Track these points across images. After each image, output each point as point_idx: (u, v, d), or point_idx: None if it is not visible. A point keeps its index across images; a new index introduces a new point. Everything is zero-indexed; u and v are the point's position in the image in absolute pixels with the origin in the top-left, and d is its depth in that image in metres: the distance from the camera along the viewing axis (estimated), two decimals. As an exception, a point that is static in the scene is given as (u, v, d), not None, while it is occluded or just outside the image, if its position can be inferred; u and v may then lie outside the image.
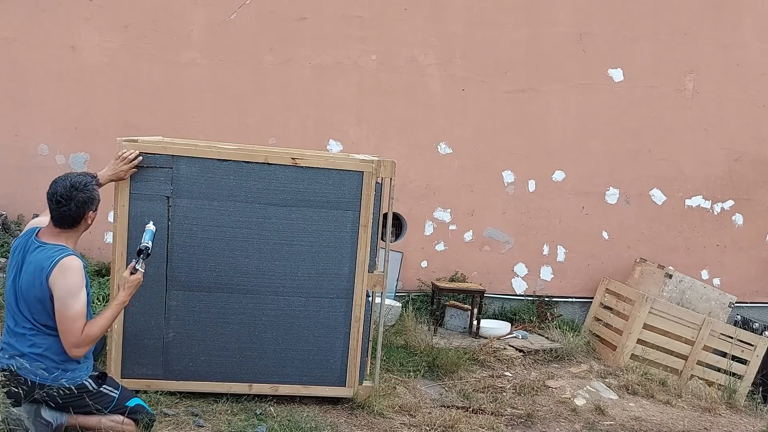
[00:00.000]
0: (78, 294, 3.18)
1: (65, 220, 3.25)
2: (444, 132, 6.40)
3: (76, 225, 3.30)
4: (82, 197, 3.25)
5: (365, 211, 4.09)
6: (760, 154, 6.94)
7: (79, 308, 3.17)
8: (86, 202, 3.27)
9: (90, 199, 3.29)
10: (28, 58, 5.81)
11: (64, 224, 3.27)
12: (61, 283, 3.15)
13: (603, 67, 6.58)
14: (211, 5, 5.95)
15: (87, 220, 3.32)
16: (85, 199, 3.26)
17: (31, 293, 3.19)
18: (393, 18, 6.21)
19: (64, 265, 3.16)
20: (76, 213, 3.25)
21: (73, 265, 3.19)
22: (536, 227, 6.62)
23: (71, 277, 3.16)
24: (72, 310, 3.16)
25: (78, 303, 3.17)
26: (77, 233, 3.34)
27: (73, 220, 3.27)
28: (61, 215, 3.24)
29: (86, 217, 3.31)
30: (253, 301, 4.07)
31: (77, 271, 3.20)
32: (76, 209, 3.24)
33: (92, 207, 3.32)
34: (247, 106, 6.10)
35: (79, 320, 3.18)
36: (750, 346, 6.25)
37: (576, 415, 4.77)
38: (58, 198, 3.22)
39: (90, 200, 3.29)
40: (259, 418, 3.94)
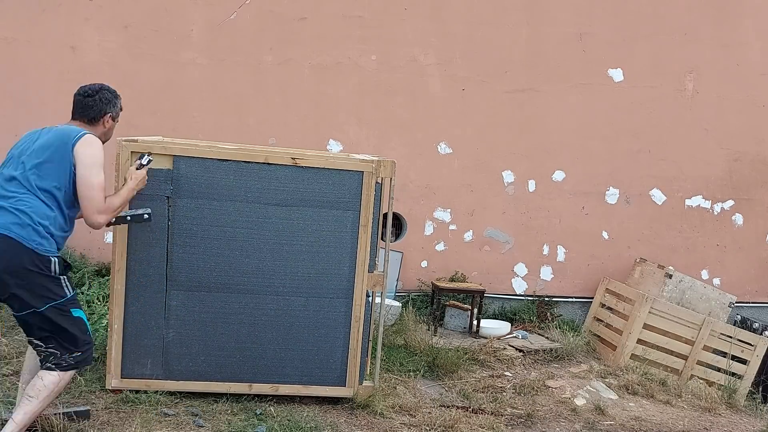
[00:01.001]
0: (101, 167, 3.30)
1: (87, 110, 3.44)
2: (444, 132, 6.40)
3: (95, 121, 3.45)
4: (107, 96, 3.47)
5: (365, 211, 4.10)
6: (760, 154, 6.94)
7: (102, 180, 3.30)
8: (109, 101, 3.47)
9: (113, 101, 3.50)
10: (28, 58, 5.81)
11: (84, 115, 3.44)
12: (87, 152, 3.28)
13: (603, 67, 6.58)
14: (211, 5, 5.95)
15: (104, 123, 3.48)
16: (109, 98, 3.48)
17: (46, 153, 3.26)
18: (393, 18, 6.21)
19: (90, 139, 3.32)
20: (98, 107, 3.44)
21: (97, 143, 3.35)
22: (536, 227, 6.62)
23: (97, 151, 3.32)
24: (98, 179, 3.28)
25: (102, 175, 3.31)
26: (95, 132, 3.42)
27: (94, 113, 3.44)
28: (85, 105, 3.44)
29: (105, 118, 3.47)
30: (253, 301, 4.07)
31: (101, 149, 3.35)
32: (99, 103, 3.44)
33: (113, 111, 3.49)
34: (247, 106, 6.10)
35: (103, 191, 3.31)
36: (750, 346, 6.25)
37: (576, 415, 4.78)
38: (86, 89, 3.46)
39: (113, 102, 3.49)
40: (259, 418, 3.94)
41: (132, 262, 3.93)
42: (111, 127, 3.53)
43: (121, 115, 3.39)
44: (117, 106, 3.53)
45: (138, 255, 3.93)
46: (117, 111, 3.53)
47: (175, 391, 4.06)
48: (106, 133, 3.51)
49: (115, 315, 3.95)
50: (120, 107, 3.56)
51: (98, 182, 3.28)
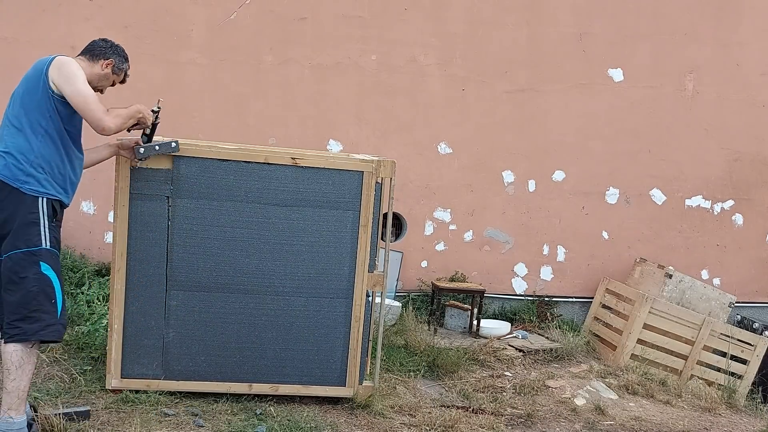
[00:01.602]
0: (84, 82, 3.24)
1: (93, 47, 3.48)
2: (444, 132, 6.40)
3: (94, 58, 3.45)
4: (118, 50, 3.54)
5: (365, 211, 4.10)
6: (760, 154, 6.94)
7: (92, 92, 3.25)
8: (118, 53, 3.52)
9: (121, 56, 3.53)
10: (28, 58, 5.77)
11: (88, 50, 3.47)
12: (63, 71, 3.23)
13: (603, 67, 6.58)
14: (211, 5, 5.95)
15: (102, 66, 3.46)
16: (119, 52, 3.53)
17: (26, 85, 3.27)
18: (393, 18, 6.21)
19: (60, 60, 3.28)
20: (103, 48, 3.48)
21: (70, 62, 3.29)
22: (536, 227, 6.62)
23: (73, 68, 3.26)
24: (85, 90, 3.22)
25: (88, 88, 3.25)
26: (89, 69, 3.42)
27: (98, 51, 3.47)
28: (94, 44, 3.50)
29: (104, 62, 3.46)
30: (253, 301, 4.07)
31: (77, 66, 3.29)
32: (106, 47, 3.49)
33: (117, 62, 3.50)
34: (247, 106, 6.09)
35: (97, 101, 3.24)
36: (750, 346, 6.25)
37: (576, 415, 4.78)
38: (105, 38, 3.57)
39: (120, 57, 3.53)
40: (259, 418, 3.94)
41: (132, 262, 3.93)
42: (107, 75, 3.50)
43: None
44: (123, 64, 3.55)
45: (138, 255, 3.93)
46: (121, 67, 3.53)
47: (175, 391, 4.06)
48: (100, 79, 3.48)
49: (115, 315, 3.95)
50: (125, 70, 3.58)
51: (88, 92, 3.22)
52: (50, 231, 3.22)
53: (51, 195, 3.25)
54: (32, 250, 3.17)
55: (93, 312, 4.84)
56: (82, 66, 3.38)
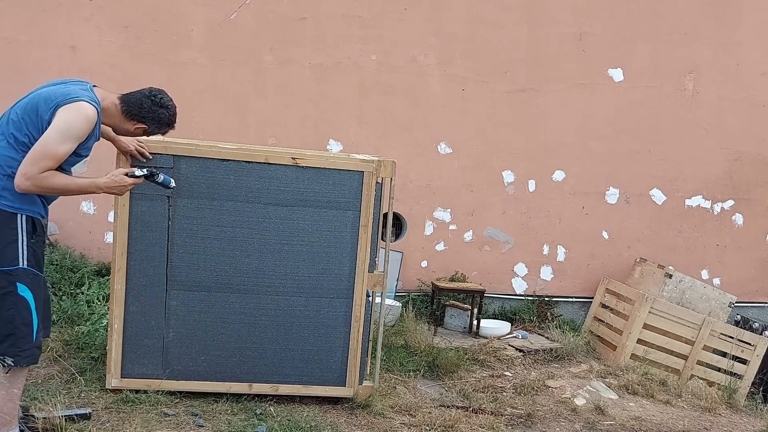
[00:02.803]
0: (69, 140, 3.02)
1: (135, 106, 3.25)
2: (444, 132, 6.40)
3: (129, 117, 3.25)
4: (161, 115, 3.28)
5: (365, 211, 4.10)
6: (760, 154, 6.94)
7: (60, 150, 3.00)
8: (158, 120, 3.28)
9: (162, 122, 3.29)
10: (28, 58, 5.81)
11: (129, 103, 3.25)
12: (66, 116, 3.02)
13: (603, 67, 6.58)
14: (211, 5, 5.95)
15: (133, 125, 3.27)
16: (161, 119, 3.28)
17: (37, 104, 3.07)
18: (393, 18, 6.21)
19: (82, 107, 3.06)
20: (145, 113, 3.25)
21: (88, 114, 3.06)
22: (536, 227, 6.62)
23: (77, 122, 3.04)
24: (54, 147, 2.99)
25: (63, 146, 3.01)
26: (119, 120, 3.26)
27: (136, 113, 3.25)
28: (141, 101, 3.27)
29: (139, 121, 3.26)
30: (253, 301, 4.07)
31: (87, 121, 3.06)
32: (150, 113, 3.26)
33: (150, 126, 3.28)
34: (247, 106, 6.09)
35: (51, 161, 2.98)
36: (750, 346, 6.25)
37: (576, 414, 4.78)
38: (158, 96, 3.31)
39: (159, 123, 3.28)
40: (259, 417, 3.94)
41: (132, 262, 3.93)
42: (137, 134, 3.36)
43: None
44: (160, 129, 3.34)
45: (138, 255, 3.93)
46: (155, 132, 3.35)
47: (175, 391, 4.07)
48: (126, 131, 3.36)
49: (115, 315, 3.95)
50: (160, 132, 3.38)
51: (51, 150, 2.97)
52: (29, 248, 3.07)
53: (29, 211, 3.10)
54: (8, 270, 3.03)
55: (93, 312, 4.84)
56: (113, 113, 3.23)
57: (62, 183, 3.05)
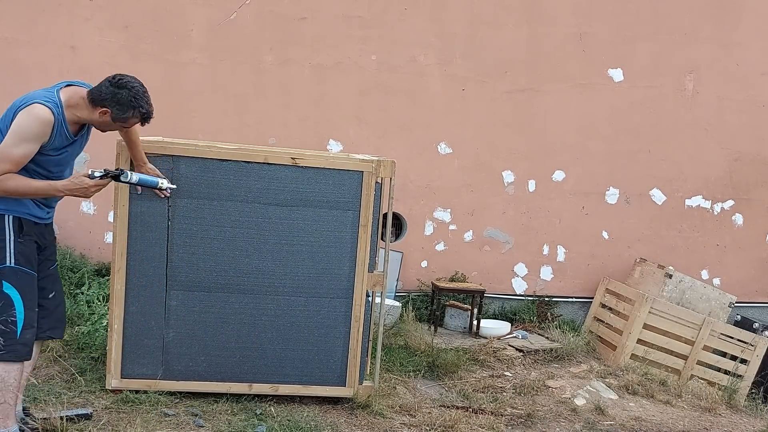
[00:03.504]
0: (25, 142, 3.01)
1: (97, 91, 3.17)
2: (444, 132, 6.40)
3: (94, 102, 3.17)
4: (123, 97, 3.16)
5: (365, 210, 4.10)
6: (760, 154, 6.94)
7: (15, 153, 2.99)
8: (118, 102, 3.16)
9: (123, 105, 3.16)
10: (28, 58, 5.81)
11: (91, 92, 3.18)
12: (19, 119, 3.03)
13: (603, 67, 6.58)
14: (211, 5, 5.95)
15: (98, 112, 3.18)
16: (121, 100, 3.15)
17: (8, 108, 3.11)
18: (393, 18, 6.21)
19: (33, 109, 3.04)
20: (103, 96, 3.15)
21: (40, 114, 3.04)
22: (536, 227, 6.62)
23: (30, 122, 3.02)
24: (8, 150, 2.99)
25: (18, 149, 3.01)
26: (88, 113, 3.19)
27: (95, 97, 3.16)
28: (101, 85, 3.18)
29: (101, 107, 3.16)
30: (253, 301, 4.07)
31: (39, 122, 3.03)
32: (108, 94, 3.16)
33: (113, 111, 3.17)
34: (247, 106, 6.10)
35: (7, 164, 2.99)
36: (750, 346, 6.25)
37: (576, 415, 4.78)
38: (117, 77, 3.19)
39: (121, 105, 3.16)
40: (259, 418, 3.94)
41: (132, 262, 3.93)
42: (107, 122, 3.23)
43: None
44: (125, 113, 3.20)
45: (138, 255, 3.93)
46: (121, 116, 3.20)
47: (175, 391, 4.07)
48: (101, 124, 3.27)
49: (115, 315, 3.95)
50: (132, 117, 3.24)
51: (7, 152, 2.99)
52: (16, 247, 3.10)
53: (16, 212, 3.12)
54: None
55: (93, 312, 4.84)
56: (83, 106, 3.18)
57: (17, 185, 3.04)
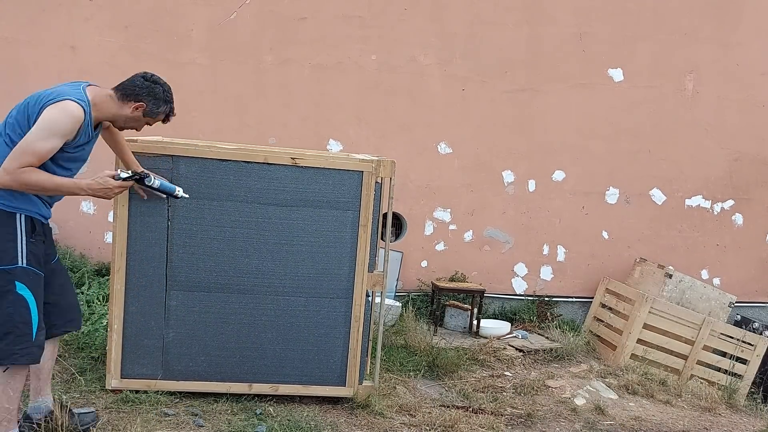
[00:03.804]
0: (53, 137, 2.96)
1: (128, 86, 3.16)
2: (444, 132, 6.40)
3: (126, 99, 3.15)
4: (156, 91, 3.18)
5: (365, 210, 4.10)
6: (760, 154, 6.94)
7: (40, 147, 2.94)
8: (154, 96, 3.17)
9: (158, 100, 3.18)
10: (28, 58, 5.81)
11: (122, 88, 3.16)
12: (48, 114, 2.97)
13: (603, 67, 6.58)
14: (211, 5, 5.95)
15: (131, 107, 3.16)
16: (157, 94, 3.17)
17: (30, 103, 3.04)
18: (393, 18, 6.21)
19: (65, 105, 2.99)
20: (139, 90, 3.15)
21: (72, 112, 2.99)
22: (536, 227, 6.62)
23: (60, 118, 2.97)
24: (35, 144, 2.94)
25: (45, 143, 2.95)
26: (117, 109, 3.17)
27: (130, 92, 3.15)
28: (132, 81, 3.17)
29: (137, 103, 3.15)
30: (253, 301, 4.07)
31: (70, 118, 2.98)
32: (144, 89, 3.16)
33: (149, 105, 3.18)
34: (247, 106, 6.10)
35: (31, 157, 2.93)
36: (750, 346, 6.26)
37: (576, 414, 4.78)
38: (148, 74, 3.21)
39: (156, 100, 3.18)
40: (259, 417, 3.94)
41: (132, 262, 3.93)
42: (137, 117, 3.21)
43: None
44: (158, 107, 3.22)
45: (138, 255, 3.93)
46: (155, 111, 3.21)
47: (175, 391, 4.07)
48: (127, 120, 3.23)
49: (115, 315, 3.95)
50: (163, 113, 3.27)
51: (31, 146, 2.92)
52: (28, 247, 3.05)
53: (28, 211, 3.08)
54: (6, 269, 3.01)
55: (93, 312, 4.84)
56: (109, 105, 3.15)
57: (38, 179, 2.98)
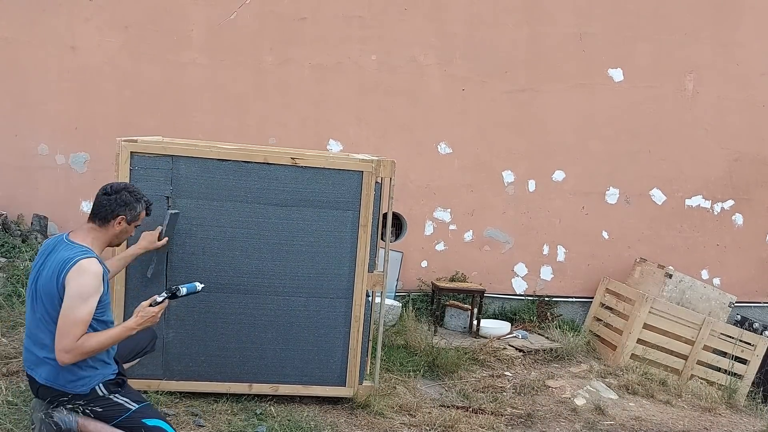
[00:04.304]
0: (88, 300, 3.06)
1: (99, 210, 3.22)
2: (444, 132, 6.40)
3: (106, 223, 3.22)
4: (125, 198, 3.24)
5: (365, 210, 4.09)
6: (760, 154, 6.94)
7: (83, 314, 3.05)
8: (126, 203, 3.24)
9: (131, 203, 3.25)
10: (28, 58, 5.81)
11: (96, 215, 3.22)
12: (74, 282, 3.05)
13: (603, 67, 6.58)
14: (211, 5, 5.95)
15: (115, 225, 3.24)
16: (127, 200, 3.24)
17: (48, 287, 3.10)
18: (393, 18, 6.21)
19: (82, 266, 3.07)
20: (110, 207, 3.21)
21: (91, 269, 3.09)
22: (536, 227, 6.62)
23: (86, 280, 3.07)
24: (75, 313, 3.03)
25: (84, 308, 3.05)
26: (105, 235, 3.25)
27: (106, 214, 3.21)
28: (99, 204, 3.23)
29: (117, 219, 3.23)
30: (253, 301, 4.07)
31: (93, 276, 3.09)
32: (113, 203, 3.21)
33: (128, 214, 3.26)
34: (247, 106, 6.10)
35: (80, 326, 3.04)
36: (750, 346, 6.26)
37: (576, 414, 4.78)
38: (106, 187, 3.26)
39: (130, 205, 3.25)
40: (259, 418, 3.94)
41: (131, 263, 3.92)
42: (125, 229, 3.30)
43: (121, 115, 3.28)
44: (136, 209, 3.29)
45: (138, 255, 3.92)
46: (135, 214, 3.29)
47: (175, 391, 4.06)
48: (118, 236, 3.31)
49: (115, 316, 3.94)
50: (142, 210, 3.34)
51: (75, 318, 3.02)
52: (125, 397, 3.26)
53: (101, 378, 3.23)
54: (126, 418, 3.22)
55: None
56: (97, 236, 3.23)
57: (98, 341, 3.10)
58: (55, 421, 3.18)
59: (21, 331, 4.67)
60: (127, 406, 3.23)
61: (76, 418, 3.22)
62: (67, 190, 5.97)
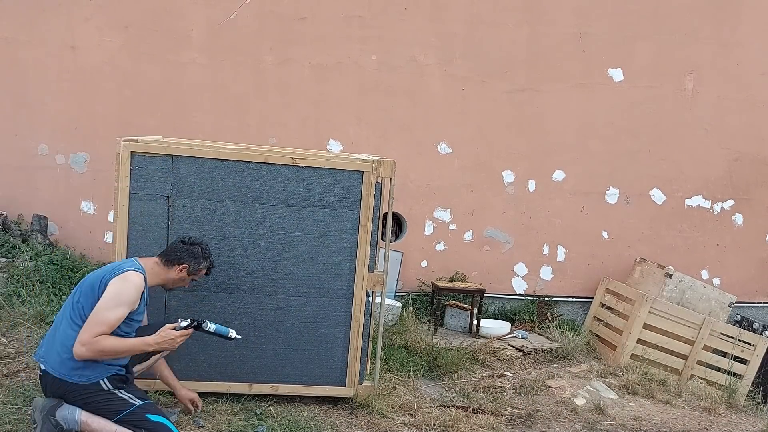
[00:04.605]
0: (121, 305, 3.26)
1: (171, 252, 3.56)
2: (444, 132, 6.40)
3: (171, 265, 3.52)
4: (196, 252, 3.58)
5: (365, 210, 4.09)
6: (760, 154, 6.94)
7: (110, 316, 3.24)
8: (194, 256, 3.56)
9: (198, 259, 3.57)
10: (28, 58, 5.81)
11: (166, 255, 3.55)
12: (114, 287, 3.28)
13: (603, 67, 6.58)
14: (211, 5, 5.95)
15: (176, 270, 3.52)
16: (196, 254, 3.57)
17: (92, 281, 3.32)
18: (393, 18, 6.21)
19: (128, 276, 3.33)
20: (181, 254, 3.54)
21: (134, 281, 3.34)
22: (536, 227, 6.63)
23: (126, 288, 3.29)
24: (105, 313, 3.23)
25: (114, 312, 3.25)
26: (165, 274, 3.52)
27: (174, 257, 3.53)
28: (173, 248, 3.58)
29: (180, 266, 3.53)
30: (253, 301, 4.07)
31: (134, 287, 3.32)
32: (184, 252, 3.55)
33: (192, 266, 3.56)
34: (247, 106, 6.10)
35: (103, 326, 3.22)
36: (750, 346, 6.26)
37: (576, 414, 4.78)
38: (185, 238, 3.65)
39: (197, 259, 3.57)
40: (259, 417, 3.94)
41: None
42: (183, 278, 3.57)
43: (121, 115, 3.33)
44: (200, 264, 3.59)
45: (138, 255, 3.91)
46: (196, 268, 3.58)
47: (175, 391, 4.06)
48: (175, 281, 3.56)
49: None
50: (204, 269, 3.64)
51: (102, 317, 3.22)
52: (128, 393, 3.36)
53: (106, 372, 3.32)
54: (129, 412, 3.31)
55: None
56: (158, 271, 3.50)
57: (114, 344, 3.26)
58: (57, 420, 3.20)
59: (21, 331, 4.67)
60: (131, 402, 3.34)
61: (78, 417, 3.24)
62: (67, 190, 5.97)
